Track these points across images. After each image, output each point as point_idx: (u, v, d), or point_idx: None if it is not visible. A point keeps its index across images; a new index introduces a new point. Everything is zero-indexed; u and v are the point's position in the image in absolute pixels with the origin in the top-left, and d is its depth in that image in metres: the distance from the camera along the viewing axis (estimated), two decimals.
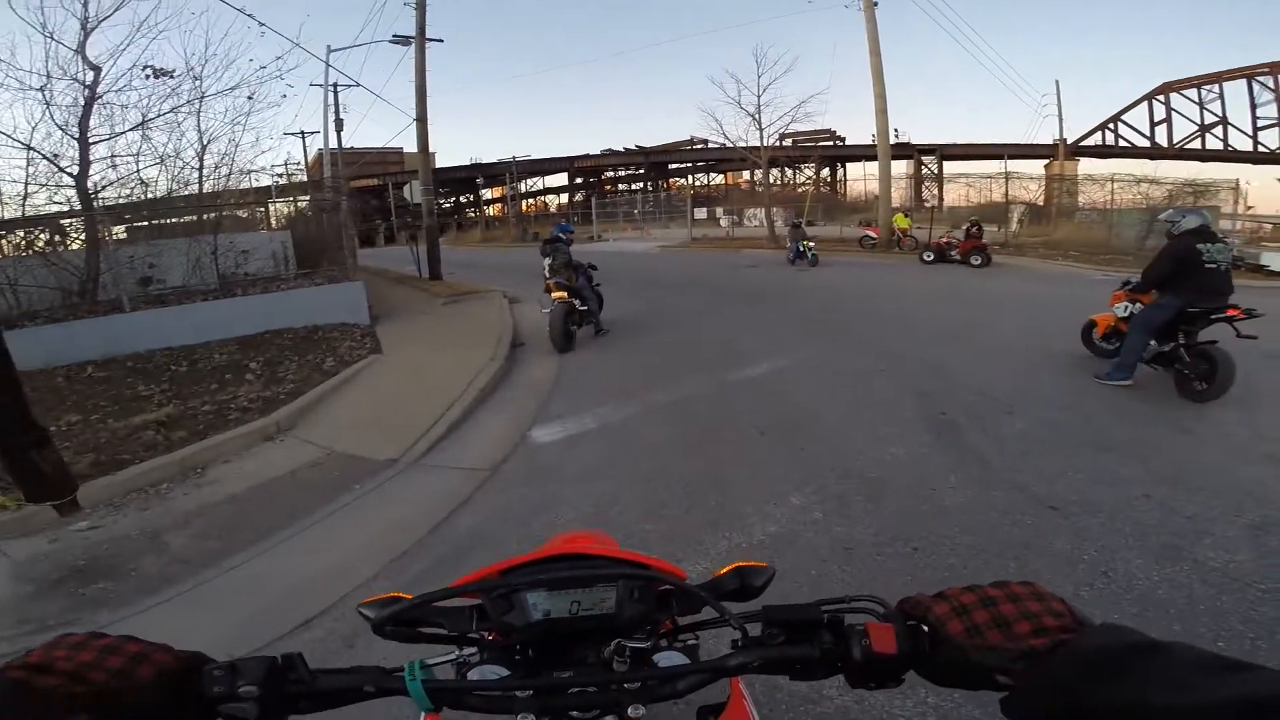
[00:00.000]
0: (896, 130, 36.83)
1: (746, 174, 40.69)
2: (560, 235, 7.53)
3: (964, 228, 16.29)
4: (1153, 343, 4.88)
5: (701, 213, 33.54)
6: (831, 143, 42.09)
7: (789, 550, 2.70)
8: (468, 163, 43.12)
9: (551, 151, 51.91)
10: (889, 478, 3.38)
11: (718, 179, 48.66)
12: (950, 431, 4.01)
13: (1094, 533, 2.76)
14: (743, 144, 22.97)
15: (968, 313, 8.41)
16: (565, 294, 6.82)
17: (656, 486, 3.43)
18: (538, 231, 27.91)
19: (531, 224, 34.50)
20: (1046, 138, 40.85)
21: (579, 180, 47.26)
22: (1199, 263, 4.61)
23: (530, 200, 47.72)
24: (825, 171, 46.23)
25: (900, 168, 38.27)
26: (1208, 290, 4.63)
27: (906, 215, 20.20)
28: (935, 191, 35.78)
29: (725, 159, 37.04)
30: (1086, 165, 37.82)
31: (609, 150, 45.10)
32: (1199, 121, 38.21)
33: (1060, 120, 41.01)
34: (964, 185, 30.55)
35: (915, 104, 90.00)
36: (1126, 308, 5.21)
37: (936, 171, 40.78)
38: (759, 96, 21.49)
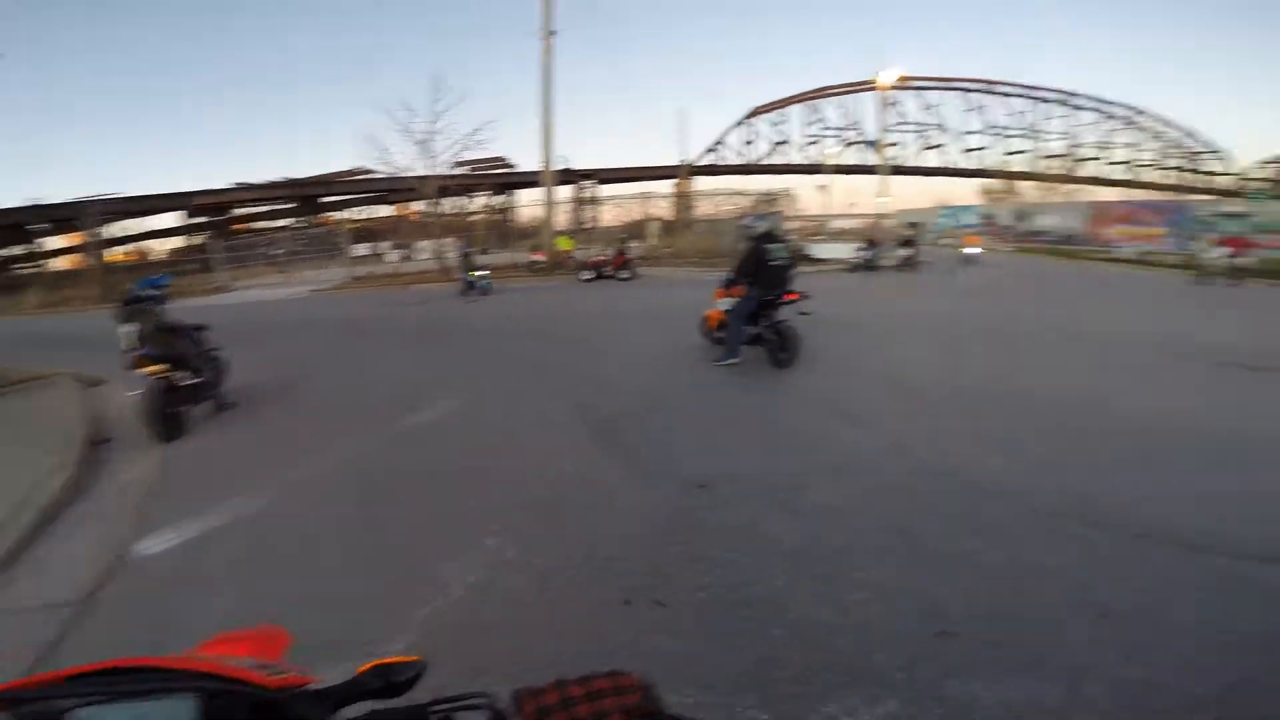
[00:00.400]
0: (564, 157, 39.91)
1: (419, 204, 39.59)
2: (146, 293, 6.06)
3: (615, 246, 18.76)
4: (747, 328, 6.12)
5: (366, 249, 31.25)
6: (504, 170, 43.64)
7: (492, 600, 2.51)
8: (21, 204, 32.58)
9: (170, 186, 42.18)
10: (567, 494, 3.44)
11: (386, 211, 46.08)
12: (611, 436, 4.31)
13: (735, 500, 3.22)
14: (412, 173, 22.28)
15: (619, 325, 9.52)
16: (162, 367, 5.57)
17: (312, 576, 2.82)
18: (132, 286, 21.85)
19: (124, 277, 27.30)
20: (677, 160, 49.03)
21: (201, 220, 39.66)
22: (766, 260, 5.89)
23: (128, 247, 38.25)
24: (499, 199, 47.71)
25: (566, 192, 41.60)
26: (775, 282, 5.92)
27: (570, 238, 22.19)
28: (594, 214, 39.97)
29: (394, 189, 35.29)
30: (701, 183, 46.53)
31: (242, 184, 38.90)
32: (772, 141, 50.94)
33: (684, 143, 49.73)
34: (617, 207, 34.67)
35: (578, 132, 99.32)
36: (726, 303, 6.38)
37: (595, 195, 45.50)
38: (431, 125, 21.03)
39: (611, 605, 2.37)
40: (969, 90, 49.60)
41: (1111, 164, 48.77)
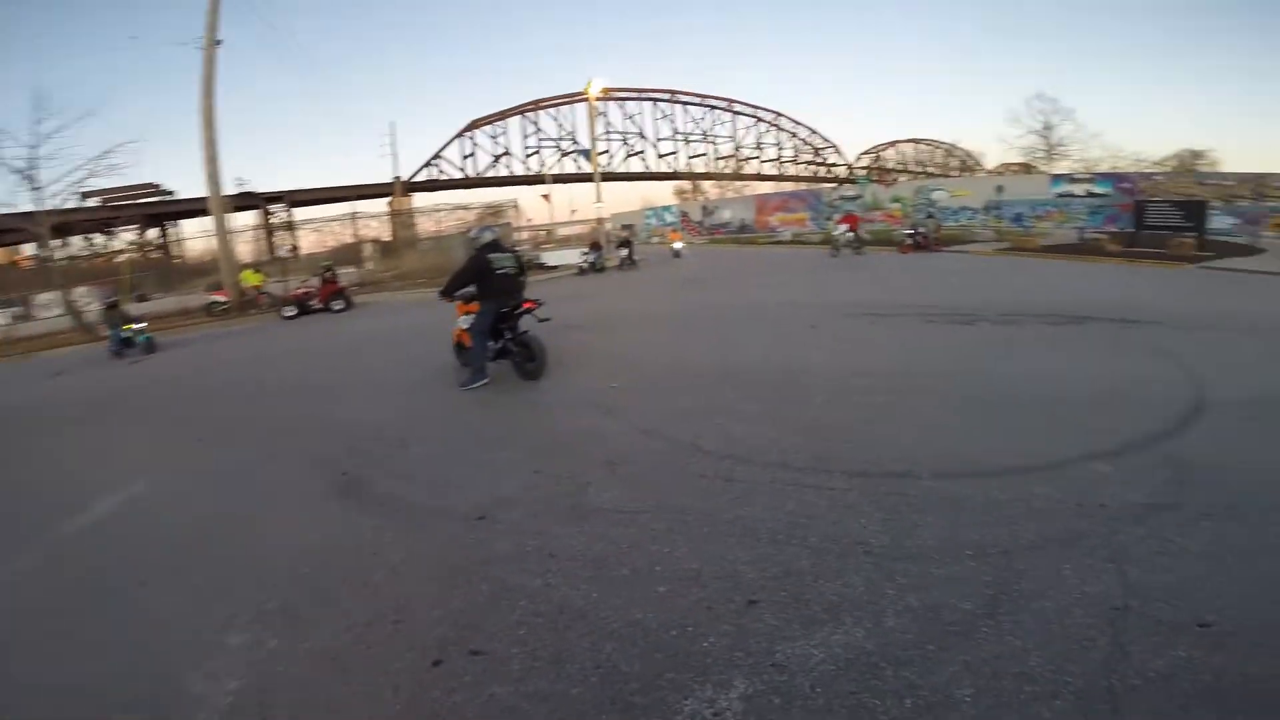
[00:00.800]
0: (240, 179, 33.97)
1: (29, 248, 29.89)
2: None
3: (319, 274, 16.51)
4: (491, 343, 5.79)
5: None
6: (156, 199, 35.51)
7: (273, 706, 1.93)
8: None
9: None
10: (327, 563, 2.83)
11: None
12: (360, 489, 3.68)
13: (520, 522, 2.97)
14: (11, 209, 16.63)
15: (339, 362, 8.34)
16: None
17: None
18: None
19: None
20: (388, 177, 45.55)
21: None
22: (492, 271, 5.60)
23: None
24: (153, 232, 38.81)
25: (250, 218, 35.76)
26: (506, 292, 5.69)
27: (257, 270, 19.03)
28: (289, 241, 35.11)
29: None
30: (420, 199, 44.31)
31: None
32: (492, 154, 50.53)
33: (396, 159, 45.74)
34: (318, 230, 30.94)
35: (261, 151, 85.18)
36: (467, 319, 5.95)
37: (288, 220, 40.01)
38: (34, 149, 15.91)
39: (420, 670, 2.01)
40: (658, 100, 55.67)
41: (764, 161, 59.58)
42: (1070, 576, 2.22)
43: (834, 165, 62.40)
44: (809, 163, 61.73)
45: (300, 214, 37.65)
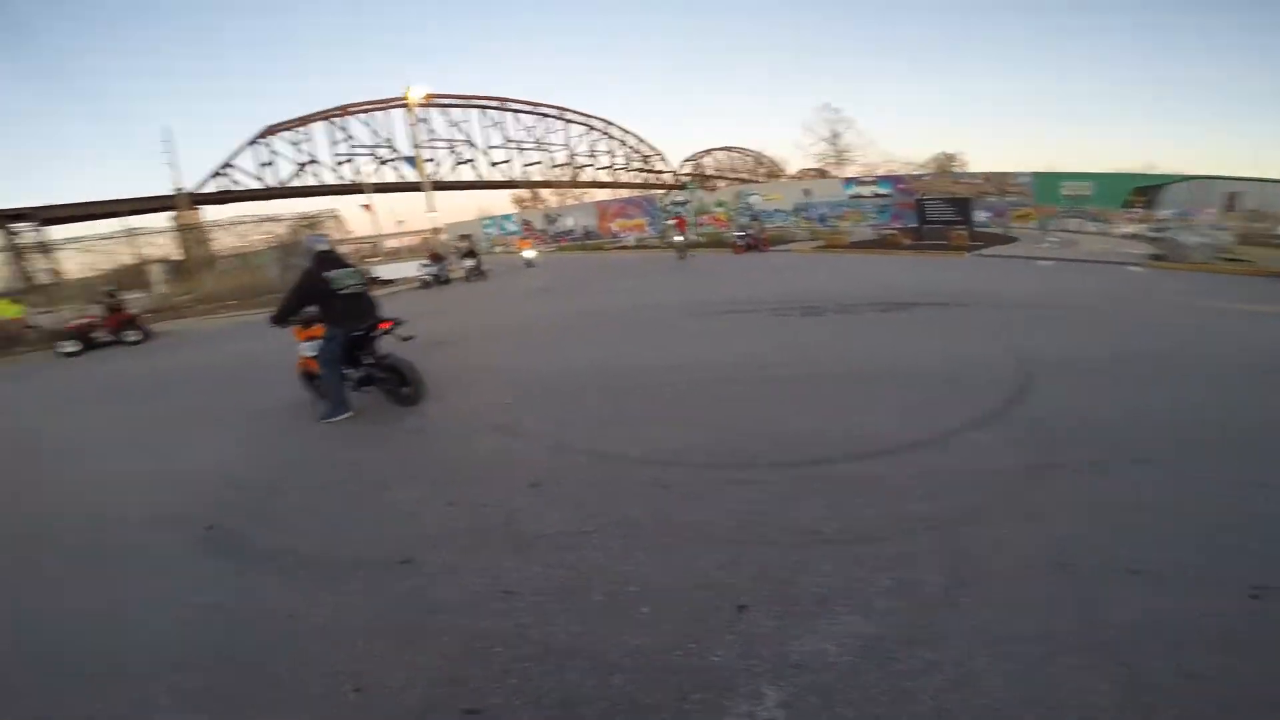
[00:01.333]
0: None
1: None
2: None
3: (101, 301, 13.72)
4: (349, 371, 5.06)
5: None
6: None
7: None
8: None
9: None
10: (236, 635, 2.38)
11: None
12: (237, 544, 3.07)
13: (448, 566, 2.67)
14: None
15: (158, 405, 6.79)
16: None
17: None
18: None
19: None
20: (169, 189, 39.00)
21: None
22: (333, 292, 4.80)
23: None
24: None
25: None
26: (357, 313, 4.93)
27: (16, 301, 15.27)
28: (45, 265, 28.76)
29: None
30: (212, 212, 38.62)
31: None
32: (295, 162, 45.21)
33: (177, 169, 38.83)
34: (87, 251, 25.68)
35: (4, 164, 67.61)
36: (312, 346, 5.19)
37: (40, 240, 32.73)
38: None
39: None
40: (487, 108, 54.01)
41: (598, 169, 60.84)
42: (1007, 539, 2.53)
43: (661, 172, 65.51)
44: (639, 169, 64.14)
45: (60, 232, 30.89)
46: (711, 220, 36.23)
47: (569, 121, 59.17)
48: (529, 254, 21.97)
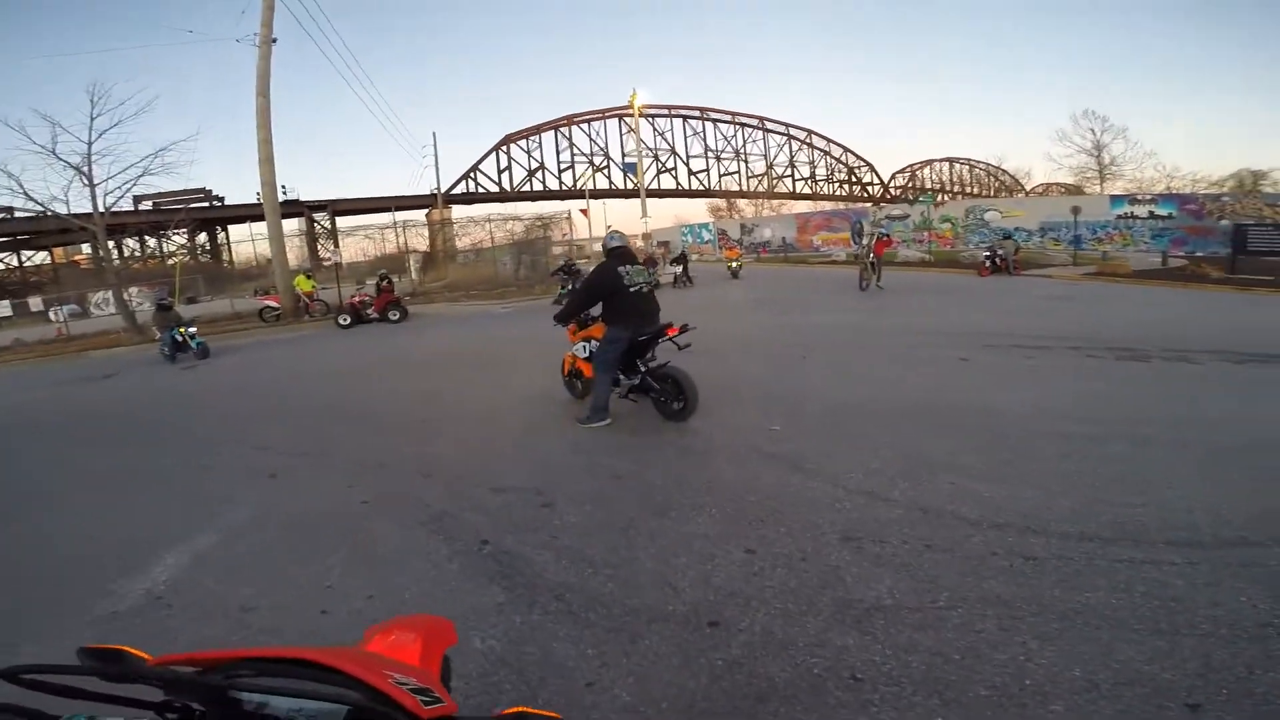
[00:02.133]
0: (284, 186, 34.46)
1: (86, 248, 30.27)
2: None
3: (374, 283, 16.19)
4: (622, 378, 4.85)
5: (7, 308, 23.26)
6: (207, 203, 35.96)
7: None
8: None
9: None
10: (537, 685, 2.02)
11: (40, 257, 34.94)
12: (516, 571, 2.83)
13: (766, 635, 2.18)
14: (64, 209, 16.73)
15: (418, 381, 7.50)
16: None
17: None
18: None
19: None
20: (425, 189, 45.60)
21: None
22: (625, 288, 4.58)
23: None
24: (202, 237, 39.33)
25: (291, 226, 36.13)
26: (644, 316, 4.68)
27: (309, 277, 18.72)
28: (333, 248, 35.54)
29: (41, 230, 26.58)
30: (458, 211, 44.50)
31: None
32: (527, 167, 50.64)
33: (438, 170, 45.61)
34: (362, 238, 30.90)
35: (301, 157, 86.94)
36: (585, 347, 5.10)
37: (330, 227, 40.32)
38: (89, 144, 15.91)
39: None
40: (689, 117, 55.33)
41: (798, 180, 58.70)
42: None
43: (869, 184, 61.42)
44: (843, 181, 60.86)
45: (344, 223, 37.87)
46: (934, 237, 32.84)
47: (768, 131, 58.08)
48: (734, 264, 21.10)
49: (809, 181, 59.64)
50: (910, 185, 61.53)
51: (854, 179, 61.24)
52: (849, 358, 7.04)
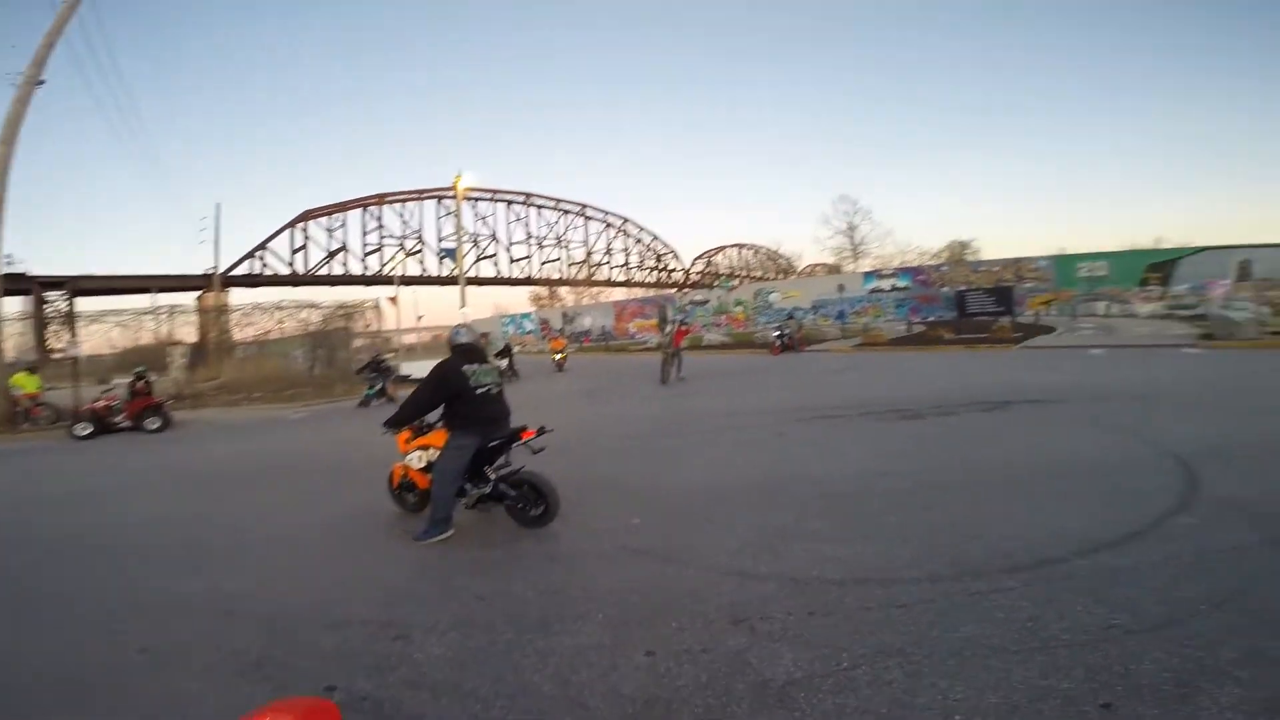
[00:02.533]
0: (9, 256, 27.52)
1: None
2: None
3: (129, 382, 13.29)
4: (469, 486, 4.32)
5: None
6: None
7: None
8: None
9: None
10: None
11: None
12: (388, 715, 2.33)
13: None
14: None
15: (194, 504, 6.04)
16: None
17: None
18: None
19: None
20: (200, 268, 39.53)
21: None
22: (472, 390, 4.19)
23: None
24: None
25: (14, 306, 28.82)
26: (495, 419, 4.30)
27: (33, 373, 14.82)
28: (70, 337, 28.65)
29: None
30: (238, 295, 39.14)
31: None
32: (326, 248, 46.31)
33: (217, 247, 38.29)
34: (112, 326, 25.39)
35: (37, 222, 70.56)
36: (421, 456, 4.50)
37: (67, 311, 33.06)
38: None
39: None
40: (512, 202, 55.95)
41: (614, 267, 62.24)
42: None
43: (673, 270, 67.12)
44: (652, 268, 65.79)
45: (86, 305, 31.22)
46: (730, 320, 36.61)
47: (588, 218, 60.89)
48: (558, 356, 20.87)
49: (624, 269, 63.21)
50: (708, 270, 68.60)
51: (661, 265, 66.46)
52: (679, 444, 7.12)
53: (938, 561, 3.18)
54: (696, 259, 69.51)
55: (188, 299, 36.05)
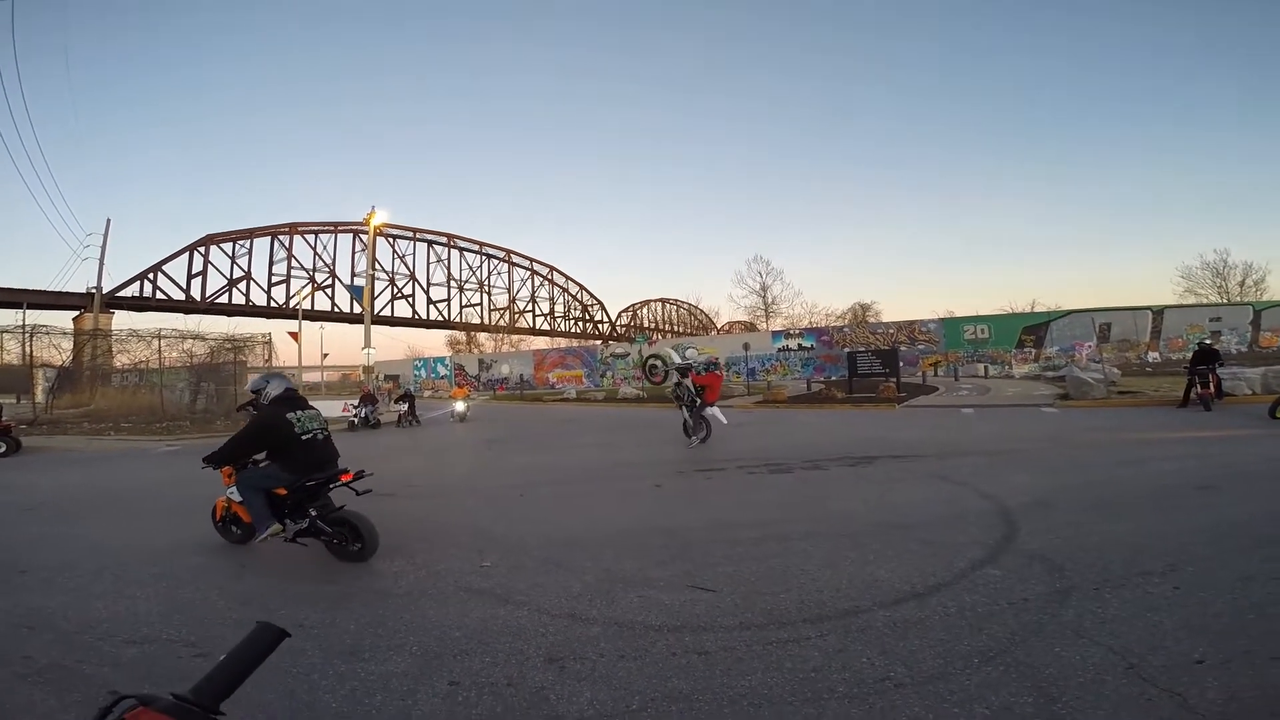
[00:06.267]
0: None
1: None
2: None
3: None
4: (290, 522, 4.47)
5: None
6: None
7: None
8: None
9: None
10: None
11: None
12: None
13: None
14: None
15: (13, 531, 5.69)
16: None
17: None
18: None
19: None
20: (81, 285, 36.23)
21: None
22: (296, 437, 4.40)
23: None
24: None
25: None
26: (316, 463, 4.49)
27: None
28: None
29: None
30: (122, 319, 36.04)
31: None
32: (229, 275, 43.28)
33: (101, 265, 35.74)
34: None
35: None
36: (235, 492, 4.62)
37: None
38: None
39: None
40: (434, 243, 54.67)
41: (538, 315, 61.97)
42: (1067, 654, 2.69)
43: (600, 322, 67.66)
44: (578, 319, 66.03)
45: None
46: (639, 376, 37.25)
47: (513, 264, 60.53)
48: (459, 406, 19.30)
49: (549, 318, 62.82)
50: (633, 323, 69.65)
51: (587, 316, 66.77)
52: (563, 494, 7.17)
53: (754, 610, 3.34)
54: (622, 311, 70.59)
55: (64, 318, 32.83)
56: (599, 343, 56.58)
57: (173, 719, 0.68)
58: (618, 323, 68.74)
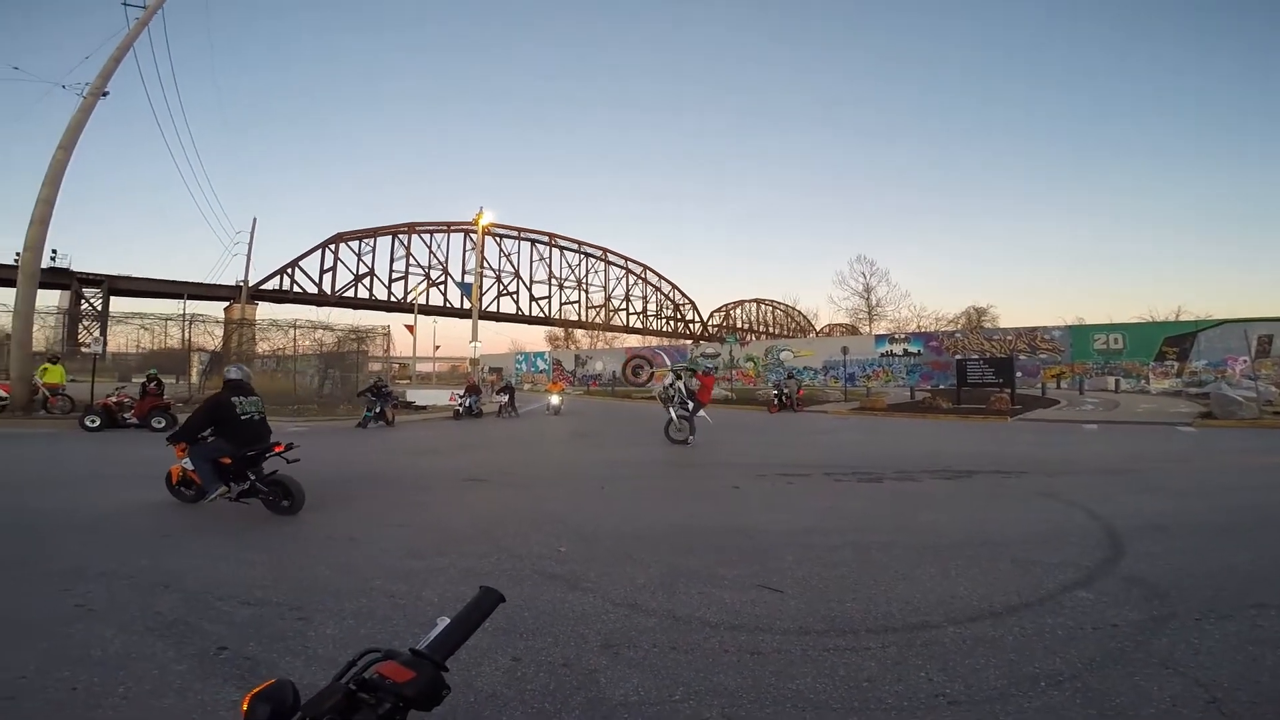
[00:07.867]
0: (55, 252, 28.81)
1: None
2: None
3: (141, 382, 13.98)
4: (233, 485, 5.48)
5: None
6: None
7: None
8: None
9: None
10: None
11: None
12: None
13: None
14: None
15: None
16: None
17: None
18: None
19: None
20: (231, 278, 40.60)
21: None
22: (236, 417, 5.52)
23: None
24: None
25: (48, 301, 30.09)
26: (252, 439, 5.58)
27: (56, 363, 15.46)
28: (95, 334, 29.51)
29: None
30: (265, 310, 40.16)
31: None
32: (354, 271, 47.60)
33: (249, 261, 39.17)
34: (138, 327, 26.25)
35: (81, 218, 74.60)
36: (188, 462, 5.60)
37: (101, 309, 34.35)
38: None
39: None
40: (537, 241, 57.02)
41: (631, 314, 62.80)
42: (1145, 684, 2.49)
43: (691, 321, 67.48)
44: (670, 318, 66.22)
45: (119, 305, 32.39)
46: (740, 375, 36.58)
47: (610, 263, 61.70)
48: (554, 399, 20.40)
49: (641, 316, 63.60)
50: (725, 324, 68.75)
51: (679, 316, 66.84)
52: (642, 489, 7.30)
53: (816, 616, 3.27)
54: (714, 311, 69.84)
55: (216, 308, 37.21)
56: (689, 342, 56.43)
57: (414, 670, 0.79)
58: (709, 322, 68.19)
